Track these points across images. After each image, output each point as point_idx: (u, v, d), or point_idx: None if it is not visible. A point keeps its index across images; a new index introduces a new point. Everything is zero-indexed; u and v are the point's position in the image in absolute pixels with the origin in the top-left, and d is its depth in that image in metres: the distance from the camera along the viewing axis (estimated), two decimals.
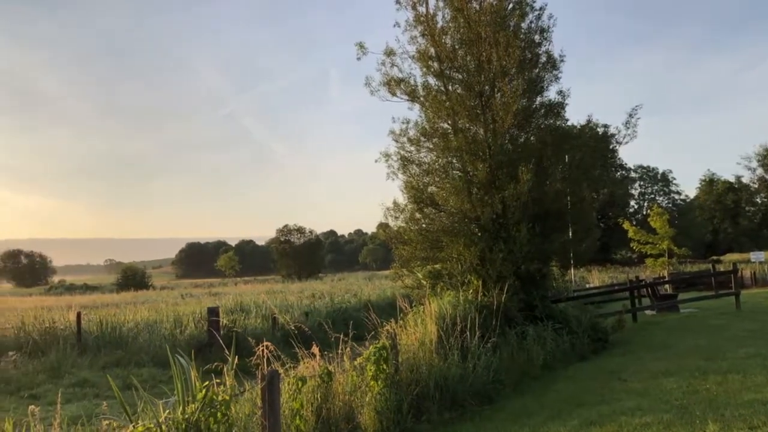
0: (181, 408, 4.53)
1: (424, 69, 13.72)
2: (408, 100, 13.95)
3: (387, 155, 13.77)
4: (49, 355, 13.63)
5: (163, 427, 4.31)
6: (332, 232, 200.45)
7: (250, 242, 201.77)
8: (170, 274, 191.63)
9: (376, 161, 13.81)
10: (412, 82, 13.84)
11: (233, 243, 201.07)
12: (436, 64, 13.58)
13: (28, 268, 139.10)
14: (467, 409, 8.09)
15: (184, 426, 4.33)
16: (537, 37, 13.54)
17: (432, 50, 13.56)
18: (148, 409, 4.83)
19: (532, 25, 13.58)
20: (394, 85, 13.81)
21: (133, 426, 4.23)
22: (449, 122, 13.43)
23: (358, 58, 13.92)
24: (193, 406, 4.52)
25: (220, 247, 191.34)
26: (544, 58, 13.71)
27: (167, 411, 4.57)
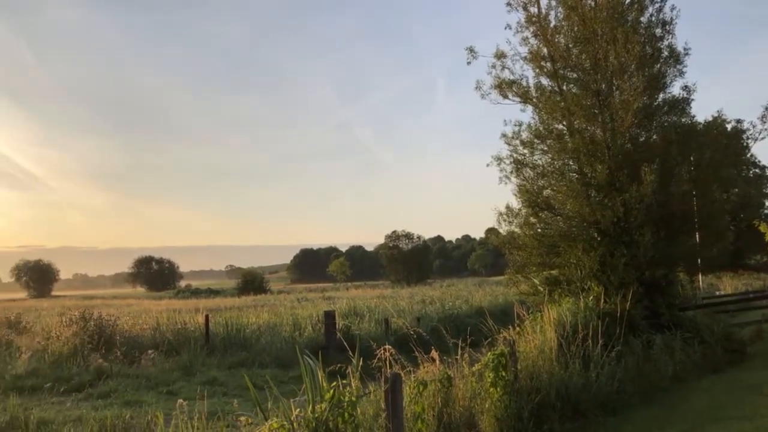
0: (310, 407, 4.72)
1: (537, 70, 13.43)
2: (520, 102, 13.72)
3: (499, 159, 13.58)
4: (182, 355, 14.65)
5: (295, 424, 4.51)
6: (440, 238, 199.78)
7: (360, 248, 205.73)
8: (285, 278, 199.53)
9: (487, 165, 13.66)
10: (524, 83, 13.60)
11: (344, 249, 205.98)
12: (549, 64, 13.26)
13: (158, 274, 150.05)
14: (590, 420, 7.80)
15: (314, 424, 4.50)
16: (658, 31, 12.85)
17: (545, 50, 13.26)
18: (280, 407, 5.09)
19: (653, 18, 12.90)
20: (505, 87, 13.62)
21: (269, 423, 4.45)
22: (564, 123, 13.05)
23: (468, 63, 13.87)
24: (322, 405, 4.69)
25: (331, 252, 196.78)
26: (666, 53, 12.97)
27: (297, 410, 4.77)
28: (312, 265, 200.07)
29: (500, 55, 13.67)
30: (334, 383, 4.92)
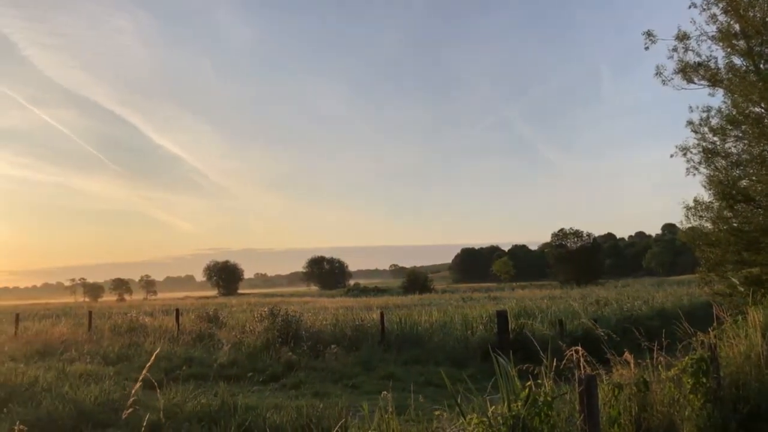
0: (506, 405, 4.74)
1: (728, 49, 12.29)
2: (708, 86, 12.64)
3: (684, 148, 12.66)
4: (360, 350, 15.38)
5: (492, 421, 4.56)
6: (610, 235, 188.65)
7: (523, 247, 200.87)
8: (447, 278, 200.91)
9: (671, 156, 12.80)
10: (712, 65, 12.51)
11: (506, 248, 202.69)
12: (742, 42, 12.07)
13: (329, 273, 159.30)
14: None
15: (511, 422, 4.52)
16: None
17: (736, 27, 12.09)
18: (471, 404, 5.17)
19: None
20: (690, 71, 12.62)
21: (469, 418, 4.55)
22: (763, 105, 11.77)
23: (646, 48, 13.05)
24: (518, 404, 4.69)
25: (493, 252, 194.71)
26: None
27: (492, 407, 4.81)
28: (473, 264, 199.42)
29: (682, 37, 12.70)
30: (528, 383, 4.90)
